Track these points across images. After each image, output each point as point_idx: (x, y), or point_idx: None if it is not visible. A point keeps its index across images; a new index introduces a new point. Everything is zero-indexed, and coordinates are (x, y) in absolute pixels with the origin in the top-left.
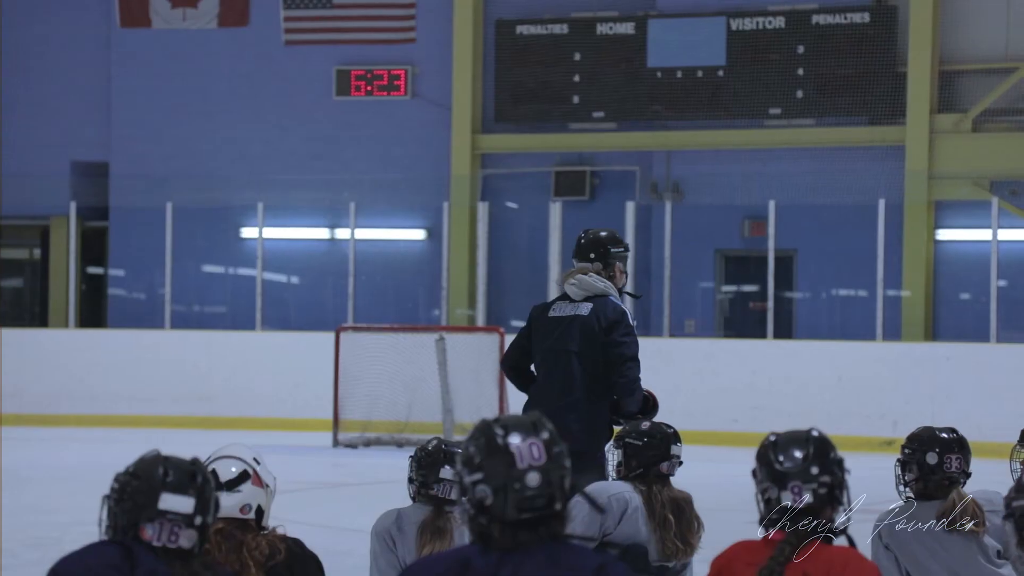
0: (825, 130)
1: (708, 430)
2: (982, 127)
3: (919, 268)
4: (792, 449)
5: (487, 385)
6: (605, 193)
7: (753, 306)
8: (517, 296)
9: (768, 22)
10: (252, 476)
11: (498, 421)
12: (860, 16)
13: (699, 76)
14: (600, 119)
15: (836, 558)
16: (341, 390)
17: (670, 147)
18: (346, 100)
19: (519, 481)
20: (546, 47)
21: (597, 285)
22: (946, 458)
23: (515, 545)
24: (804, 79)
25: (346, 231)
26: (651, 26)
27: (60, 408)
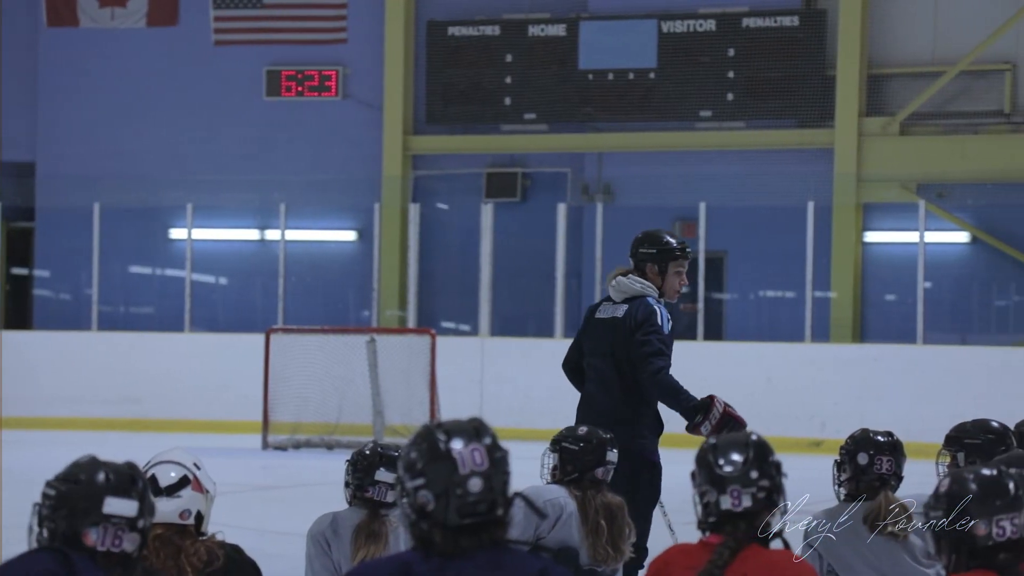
0: (755, 132)
1: None
2: (910, 130)
3: (847, 270)
4: (732, 453)
5: (418, 387)
6: (536, 195)
7: (683, 308)
8: (448, 297)
9: (699, 25)
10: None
11: (440, 426)
12: (790, 19)
13: (630, 78)
14: (532, 121)
15: (775, 561)
16: (271, 392)
17: (601, 149)
18: (276, 101)
19: (461, 487)
20: (478, 48)
21: (634, 286)
22: (876, 459)
23: (457, 550)
24: (734, 82)
25: (276, 232)
26: (583, 28)
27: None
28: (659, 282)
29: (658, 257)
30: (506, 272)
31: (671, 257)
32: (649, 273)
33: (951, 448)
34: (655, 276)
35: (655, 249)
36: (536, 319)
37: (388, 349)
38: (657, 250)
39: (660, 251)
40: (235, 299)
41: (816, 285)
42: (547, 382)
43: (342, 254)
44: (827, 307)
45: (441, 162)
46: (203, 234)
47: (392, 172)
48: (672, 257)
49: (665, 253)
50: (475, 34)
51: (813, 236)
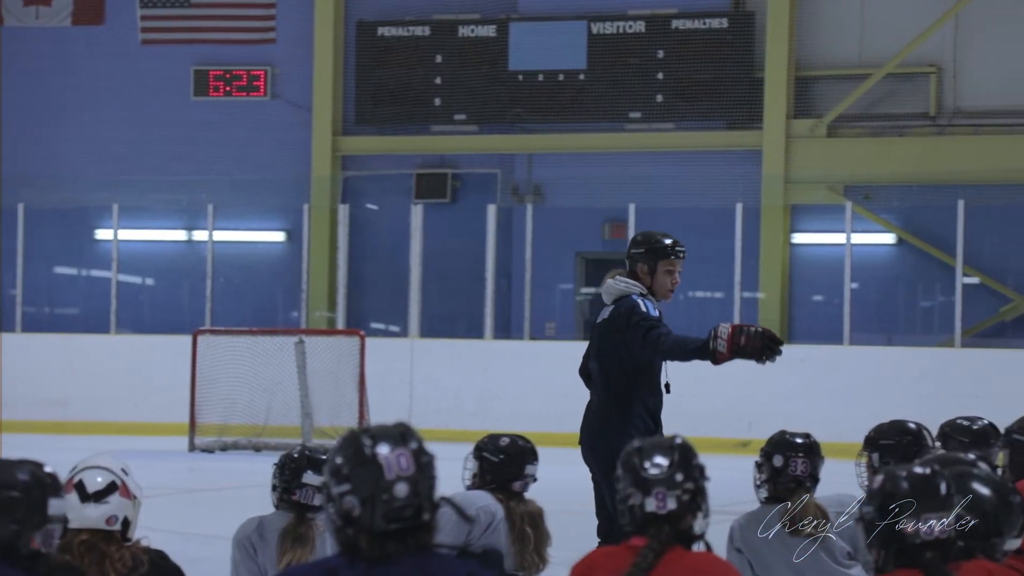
0: (684, 134)
1: (568, 432)
2: (837, 132)
3: (775, 271)
4: (657, 455)
5: (347, 388)
6: (466, 196)
7: None
8: (378, 299)
9: (628, 26)
10: (120, 487)
11: (366, 431)
12: (719, 21)
13: (560, 79)
14: (462, 122)
15: (698, 563)
16: (198, 393)
17: (531, 150)
18: (204, 100)
19: (387, 492)
20: (407, 49)
21: (618, 287)
22: (791, 461)
23: (383, 556)
24: (664, 83)
25: (204, 233)
26: (512, 29)
27: None
28: (649, 281)
29: (647, 256)
30: (436, 273)
31: (660, 256)
32: (640, 272)
33: (867, 449)
34: (645, 275)
35: (644, 248)
36: (466, 320)
37: (317, 350)
38: (646, 249)
39: (649, 250)
40: (162, 300)
41: (744, 286)
42: (477, 383)
43: (270, 255)
44: (755, 308)
45: (371, 163)
46: (129, 235)
47: (321, 173)
48: (662, 256)
49: (653, 252)
50: (405, 35)
51: (741, 237)
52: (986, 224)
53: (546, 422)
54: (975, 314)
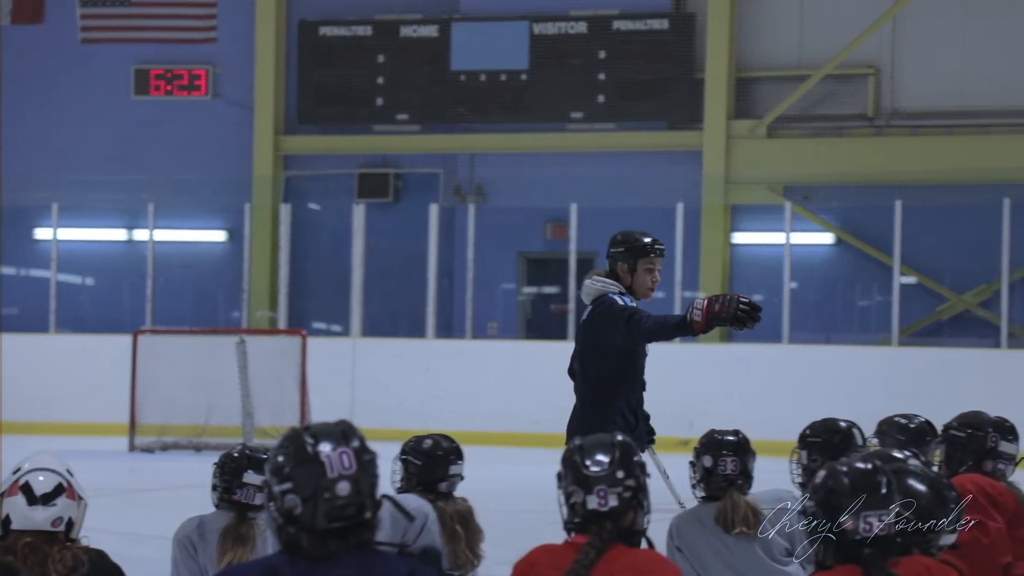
0: (625, 135)
1: (510, 431)
2: (776, 133)
3: (715, 271)
4: (598, 453)
5: (289, 388)
6: (409, 195)
7: (555, 308)
8: (320, 298)
9: (570, 27)
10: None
11: (308, 429)
12: (659, 23)
13: (502, 80)
14: (404, 121)
15: (640, 561)
16: (138, 394)
17: (474, 150)
18: (145, 100)
19: (329, 490)
20: (350, 49)
21: (595, 286)
22: (721, 461)
23: (325, 554)
24: (605, 84)
25: (144, 232)
26: (455, 29)
27: None
28: (629, 280)
29: (627, 255)
30: (378, 273)
31: (639, 254)
32: (620, 271)
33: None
34: (625, 274)
35: (624, 247)
36: (408, 320)
37: (258, 350)
38: (626, 248)
39: (629, 248)
40: (102, 300)
41: (685, 286)
42: (419, 383)
43: (212, 255)
44: None
45: (313, 162)
46: (69, 234)
47: (263, 172)
48: (641, 254)
49: (633, 250)
50: (347, 34)
51: (682, 237)
52: (923, 224)
53: (489, 421)
54: (912, 313)
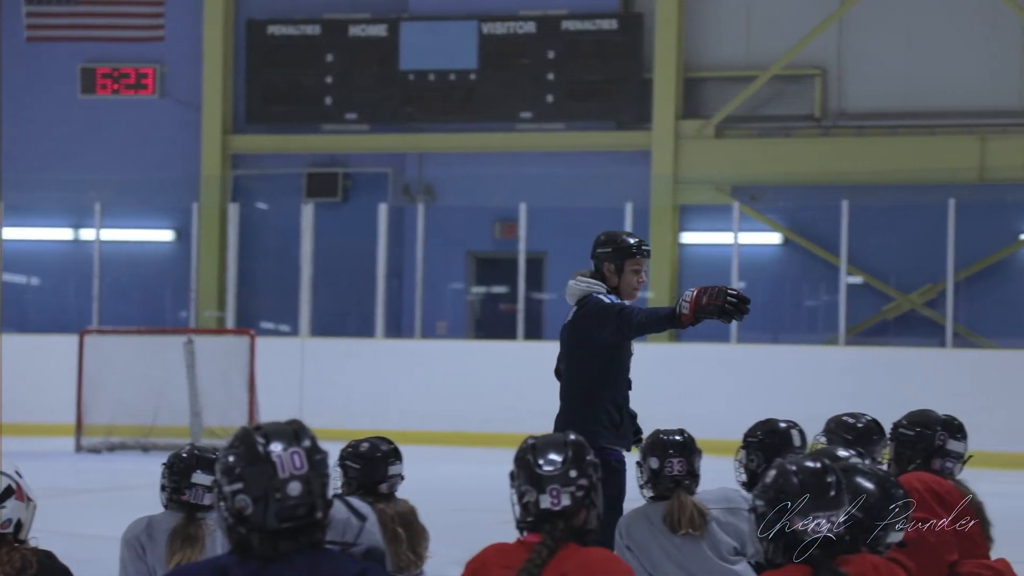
0: (574, 134)
1: (460, 431)
2: (724, 133)
3: (664, 270)
4: (551, 453)
5: (237, 388)
6: (358, 195)
7: (504, 308)
8: (268, 298)
9: (519, 27)
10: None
11: (259, 429)
12: (608, 23)
13: (451, 79)
14: (353, 121)
15: (593, 559)
16: (85, 394)
17: (422, 149)
18: (92, 99)
19: (280, 491)
20: (298, 48)
21: (579, 287)
22: (667, 462)
23: (275, 554)
24: (554, 84)
25: (91, 232)
26: (403, 29)
27: None
28: (615, 280)
29: (614, 255)
30: (327, 272)
31: (627, 255)
32: (606, 272)
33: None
34: (611, 275)
35: (611, 248)
36: (357, 319)
37: (206, 350)
38: (613, 248)
39: (616, 249)
40: (48, 300)
41: None
42: (368, 382)
43: (159, 254)
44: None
45: (261, 162)
46: (15, 233)
47: (211, 172)
48: (628, 255)
49: (621, 251)
50: (295, 33)
51: None
52: (869, 224)
53: (438, 421)
54: (859, 313)
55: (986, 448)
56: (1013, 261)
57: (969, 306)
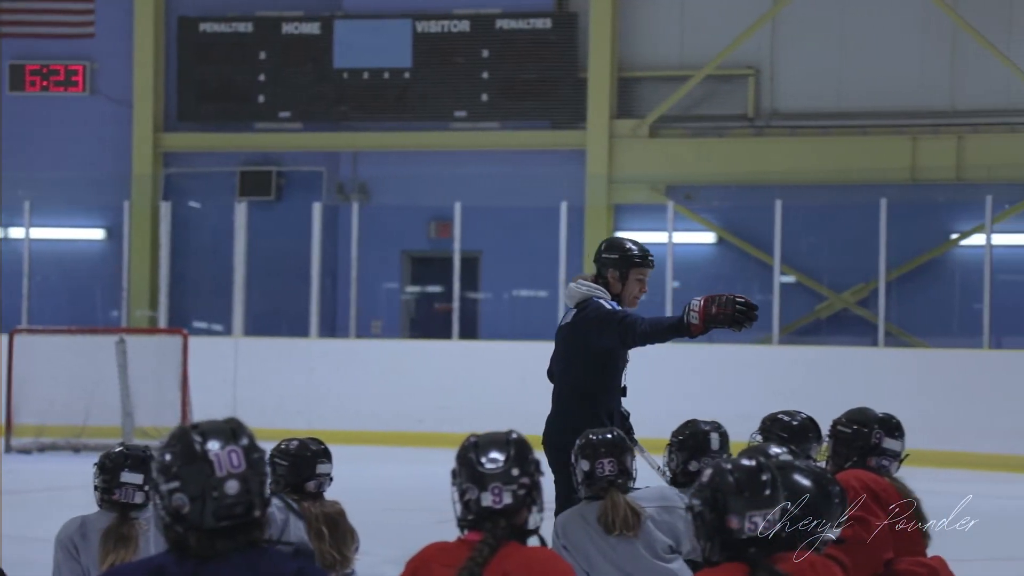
0: (509, 134)
1: (395, 431)
2: (659, 133)
3: None
4: (493, 451)
5: (169, 388)
6: (291, 193)
7: (438, 307)
8: (201, 297)
9: (453, 25)
10: None
11: (196, 428)
12: (542, 22)
13: (385, 78)
14: (286, 119)
15: (535, 558)
16: (14, 394)
17: (357, 148)
18: (20, 96)
19: (218, 489)
20: (231, 45)
21: (580, 290)
22: (598, 463)
23: (212, 553)
24: (489, 83)
25: (20, 230)
26: (337, 27)
27: None
28: (618, 288)
29: (620, 263)
30: (260, 271)
31: (633, 264)
32: (610, 278)
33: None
34: (615, 281)
35: (617, 255)
36: (291, 319)
37: (138, 350)
38: (619, 255)
39: (622, 257)
40: None
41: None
42: (302, 382)
43: (90, 253)
44: None
45: (193, 160)
46: None
47: (142, 170)
48: (633, 264)
49: (626, 259)
50: (227, 31)
51: (566, 236)
52: (802, 224)
53: (373, 421)
54: (792, 312)
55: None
56: (944, 261)
57: (901, 305)
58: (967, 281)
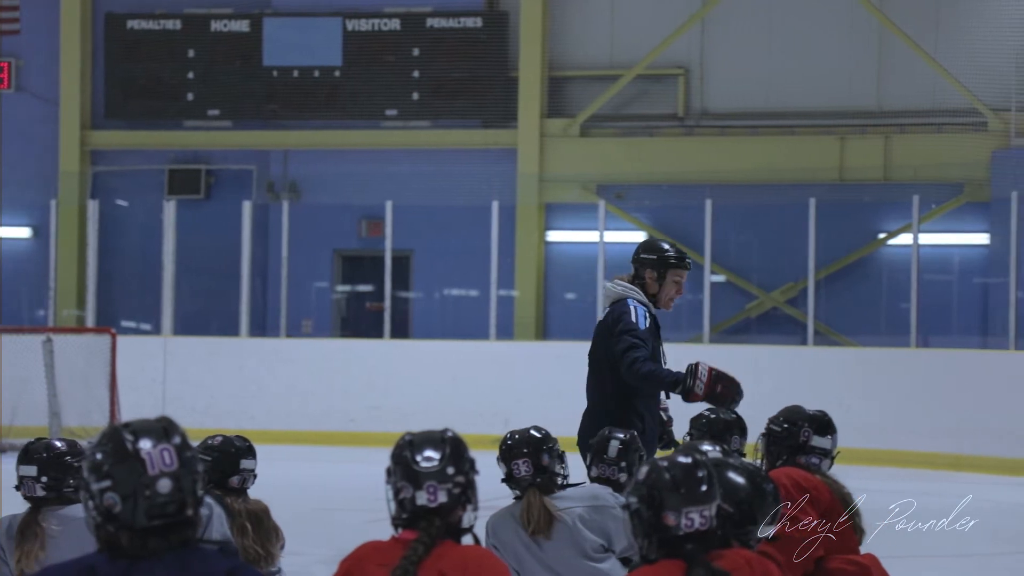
0: (440, 132)
1: (326, 430)
2: (589, 132)
3: (530, 269)
4: (429, 449)
5: (97, 388)
6: (221, 192)
7: (370, 306)
8: (129, 296)
9: (384, 24)
10: None
11: (127, 426)
12: (473, 21)
13: (315, 76)
14: (216, 117)
15: (469, 557)
16: None
17: (287, 146)
18: None
19: (150, 488)
20: (159, 43)
21: (615, 290)
22: (514, 465)
23: (145, 552)
24: (420, 81)
25: None
26: (267, 24)
27: None
28: (655, 288)
29: (658, 263)
30: (190, 270)
31: (671, 266)
32: (647, 279)
33: None
34: (652, 282)
35: (655, 256)
36: (221, 318)
37: (65, 349)
38: (657, 257)
39: (660, 258)
40: None
41: (501, 284)
42: (232, 381)
43: (16, 252)
44: (511, 305)
45: (121, 158)
46: None
47: (69, 168)
48: (671, 265)
49: (664, 261)
50: (155, 28)
51: (498, 235)
52: (732, 223)
53: (303, 420)
54: (722, 311)
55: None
56: (872, 260)
57: (829, 304)
58: (894, 280)
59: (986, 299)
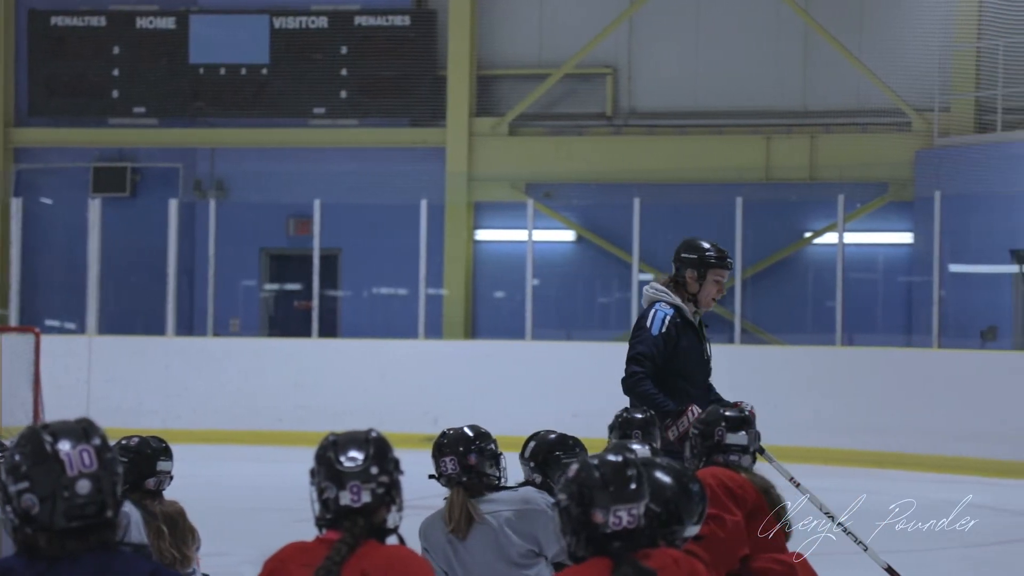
0: (369, 131)
1: (253, 429)
2: (518, 131)
3: (459, 267)
4: (352, 449)
5: (20, 388)
6: (147, 190)
7: (298, 305)
8: (53, 295)
9: (311, 22)
10: None
11: (46, 427)
12: (401, 19)
13: (243, 74)
14: (141, 115)
15: (394, 557)
16: None
17: (214, 144)
18: None
19: (69, 489)
20: (83, 40)
21: (647, 293)
22: (441, 463)
23: (63, 554)
24: (348, 79)
25: None
26: (193, 21)
27: None
28: (696, 288)
29: (698, 263)
30: (115, 269)
31: (712, 265)
32: (688, 278)
33: None
34: (693, 281)
35: (696, 255)
36: (147, 317)
37: None
38: (698, 256)
39: (700, 258)
40: None
41: (429, 282)
42: (159, 381)
43: None
44: (440, 304)
45: (45, 155)
46: None
47: None
48: (713, 266)
49: (705, 261)
50: (80, 25)
51: (426, 234)
52: (660, 222)
53: (231, 419)
54: None
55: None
56: (797, 259)
57: (756, 303)
58: (820, 279)
59: (910, 298)
